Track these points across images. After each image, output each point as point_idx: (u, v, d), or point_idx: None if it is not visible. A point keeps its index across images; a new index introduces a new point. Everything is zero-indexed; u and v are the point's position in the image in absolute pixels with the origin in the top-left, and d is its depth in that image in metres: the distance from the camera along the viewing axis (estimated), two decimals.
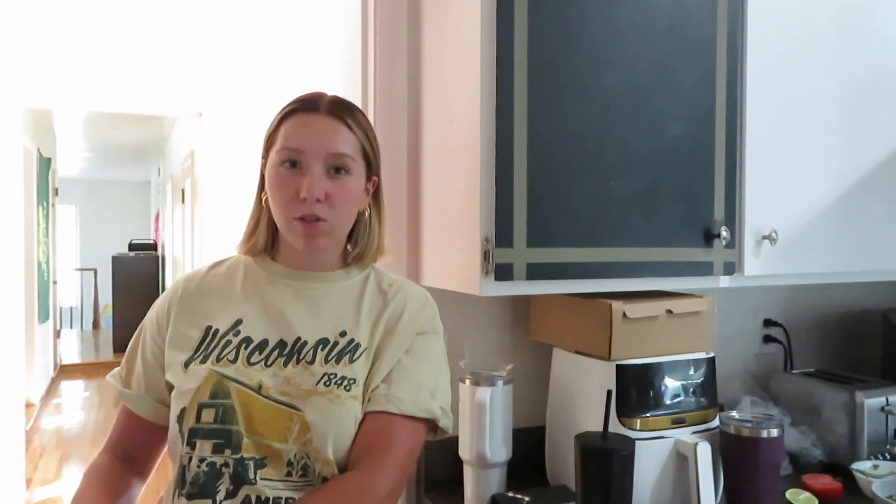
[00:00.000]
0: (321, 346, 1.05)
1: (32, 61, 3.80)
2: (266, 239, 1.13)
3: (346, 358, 1.04)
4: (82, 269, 10.92)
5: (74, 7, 3.82)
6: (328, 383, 1.02)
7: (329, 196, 1.04)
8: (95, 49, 3.95)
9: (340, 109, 1.07)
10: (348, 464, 1.01)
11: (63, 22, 3.81)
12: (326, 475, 1.00)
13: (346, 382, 1.02)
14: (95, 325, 10.60)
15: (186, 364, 1.06)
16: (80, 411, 6.33)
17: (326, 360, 1.04)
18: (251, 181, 1.17)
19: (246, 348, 1.05)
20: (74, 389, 7.22)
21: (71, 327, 10.73)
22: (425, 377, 1.07)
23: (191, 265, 5.43)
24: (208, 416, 1.01)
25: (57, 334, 8.12)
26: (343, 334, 1.06)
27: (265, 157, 1.10)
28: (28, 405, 5.84)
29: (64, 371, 7.86)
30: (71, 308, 10.83)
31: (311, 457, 0.99)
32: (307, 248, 1.07)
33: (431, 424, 1.07)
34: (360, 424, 1.02)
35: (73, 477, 4.58)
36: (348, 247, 1.15)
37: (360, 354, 1.05)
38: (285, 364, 1.04)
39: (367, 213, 1.14)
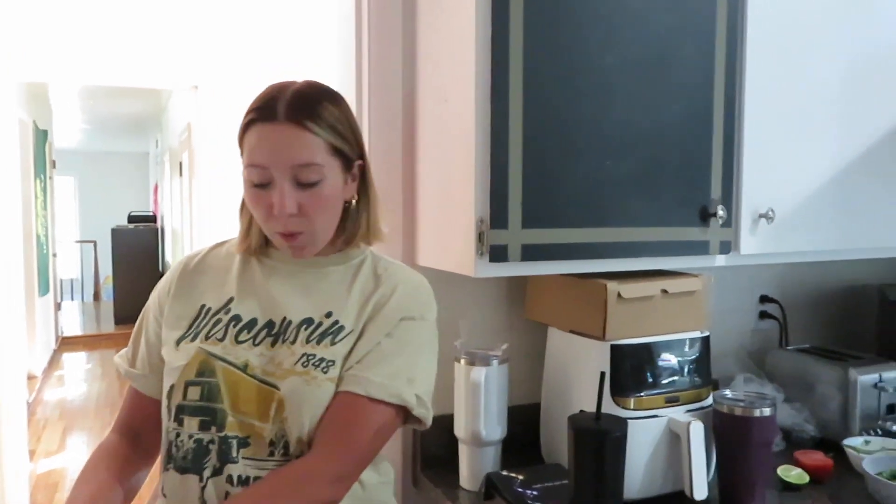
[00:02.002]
0: (304, 326, 1.05)
1: (27, 35, 3.76)
2: (259, 239, 1.12)
3: (328, 339, 1.04)
4: (82, 242, 10.93)
5: None
6: (305, 364, 1.01)
7: (302, 207, 1.01)
8: (91, 22, 3.90)
9: (300, 112, 0.99)
10: (311, 443, 1.00)
11: None
12: (298, 454, 1.00)
13: (323, 364, 1.01)
14: (96, 296, 10.64)
15: (178, 342, 1.07)
16: (83, 383, 6.39)
17: (308, 341, 1.03)
18: None
19: (235, 326, 1.06)
20: (76, 361, 7.28)
21: (72, 299, 10.77)
22: (404, 363, 1.04)
23: (189, 237, 5.43)
24: (194, 393, 1.02)
25: (58, 307, 8.16)
26: (328, 315, 1.06)
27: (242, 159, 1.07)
28: (30, 377, 5.89)
29: (66, 343, 7.91)
30: (72, 280, 10.86)
31: (288, 436, 1.00)
32: (295, 257, 1.07)
33: (406, 413, 1.03)
34: (329, 404, 1.01)
35: (76, 448, 4.64)
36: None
37: (344, 337, 1.04)
38: (273, 344, 1.04)
39: (353, 201, 1.11)
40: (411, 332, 1.07)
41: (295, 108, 1.00)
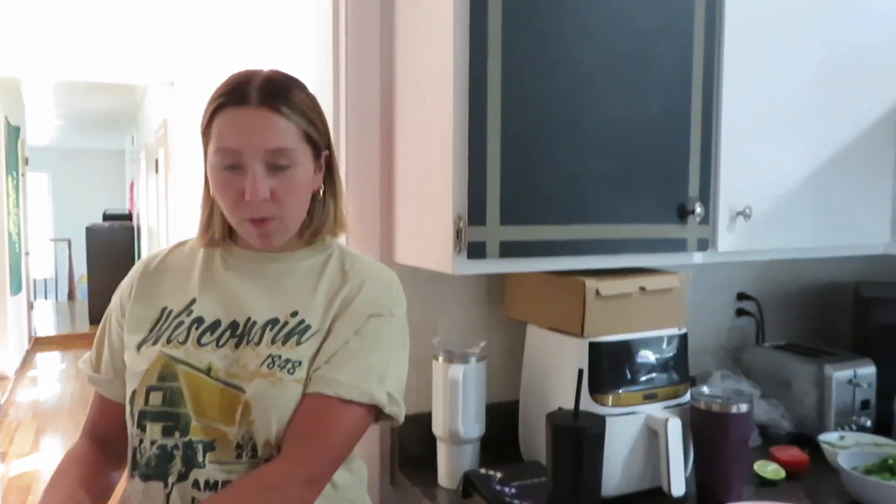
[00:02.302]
0: (270, 327, 1.02)
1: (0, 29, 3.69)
2: (222, 229, 1.09)
3: (294, 339, 1.01)
4: (56, 240, 10.76)
5: None
6: (271, 365, 0.99)
7: (274, 193, 0.99)
8: (65, 16, 3.84)
9: (273, 97, 0.98)
10: (281, 446, 0.98)
11: None
12: (267, 457, 0.98)
13: (289, 365, 0.99)
14: (71, 296, 10.48)
15: (139, 346, 1.04)
16: (57, 383, 6.29)
17: (273, 342, 1.01)
18: None
19: (197, 328, 1.03)
20: (50, 361, 7.16)
21: (46, 299, 10.60)
22: (374, 361, 1.02)
23: (165, 235, 5.37)
24: (156, 399, 1.00)
25: (31, 306, 8.02)
26: (294, 314, 1.03)
27: (205, 148, 1.05)
28: (2, 378, 5.80)
29: (39, 343, 7.78)
30: (45, 279, 10.69)
31: (255, 439, 0.98)
32: (262, 246, 1.05)
33: (377, 411, 1.02)
34: (297, 406, 0.99)
35: (49, 450, 4.56)
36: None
37: (310, 336, 1.02)
38: (237, 345, 1.02)
39: (321, 192, 1.09)
40: (380, 329, 1.05)
41: (267, 92, 0.98)
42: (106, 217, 9.46)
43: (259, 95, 0.98)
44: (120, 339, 1.10)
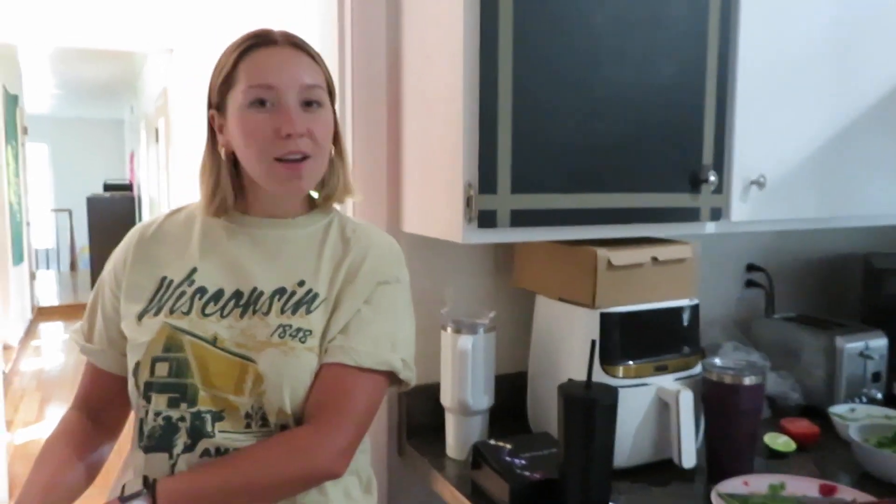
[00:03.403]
0: (278, 296, 1.01)
1: None
2: (233, 193, 1.06)
3: (303, 309, 1.01)
4: (57, 210, 10.72)
5: None
6: (283, 335, 0.98)
7: (310, 131, 0.99)
8: None
9: (299, 42, 1.02)
10: (304, 417, 0.98)
11: None
12: (283, 423, 0.98)
13: (301, 334, 0.99)
14: (73, 266, 10.49)
15: (140, 316, 1.02)
16: (60, 353, 6.31)
17: (282, 311, 1.00)
18: None
19: (200, 299, 1.01)
20: (53, 331, 7.18)
21: (48, 269, 10.60)
22: (386, 328, 1.03)
23: (167, 205, 5.33)
24: (162, 369, 0.98)
25: (33, 276, 8.02)
26: (301, 284, 1.02)
27: (217, 105, 1.03)
28: (6, 348, 5.80)
29: (42, 313, 7.80)
30: (47, 250, 10.67)
31: (265, 408, 0.97)
32: (290, 191, 1.02)
33: (392, 377, 1.03)
34: (316, 376, 0.99)
35: (54, 418, 4.56)
36: (312, 191, 1.10)
37: (318, 305, 1.01)
38: (241, 315, 1.00)
39: (331, 152, 1.08)
40: (388, 296, 1.05)
41: (294, 38, 1.02)
42: (106, 187, 9.42)
43: (287, 38, 1.01)
44: (114, 309, 1.08)
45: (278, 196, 1.05)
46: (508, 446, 1.26)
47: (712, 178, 1.36)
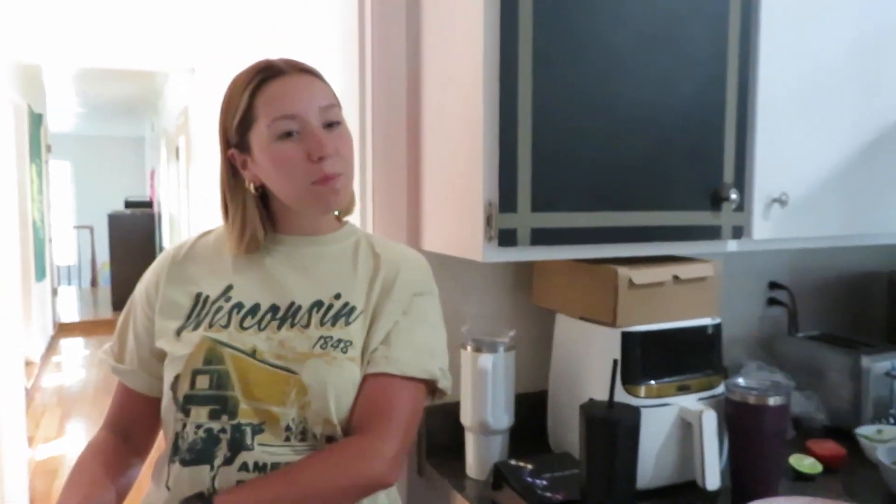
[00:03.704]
0: (316, 309, 1.03)
1: (21, 15, 3.69)
2: (263, 227, 1.07)
3: (342, 320, 1.03)
4: (79, 227, 10.86)
5: None
6: (324, 346, 1.00)
7: (338, 149, 1.02)
8: (85, 3, 3.83)
9: (304, 66, 1.05)
10: (350, 428, 1.00)
11: None
12: (329, 434, 0.99)
13: (342, 345, 1.01)
14: (94, 282, 10.60)
15: (179, 331, 1.04)
16: (81, 369, 6.36)
17: (322, 323, 1.02)
18: None
19: (238, 313, 1.03)
20: (74, 347, 7.25)
21: (69, 285, 10.72)
22: (424, 338, 1.06)
23: (186, 222, 5.39)
24: (203, 382, 0.99)
25: (54, 292, 8.11)
26: (338, 297, 1.05)
27: (238, 144, 1.04)
28: (28, 363, 5.85)
29: (63, 329, 7.87)
30: (69, 266, 10.80)
31: (309, 420, 0.98)
32: (327, 209, 1.06)
33: (431, 386, 1.06)
34: (360, 387, 1.01)
35: (74, 434, 4.62)
36: None
37: (356, 317, 1.04)
38: (279, 327, 1.02)
39: None
40: (424, 308, 1.09)
41: (298, 63, 1.04)
42: (127, 204, 9.54)
43: (292, 66, 1.03)
44: (146, 331, 1.09)
45: (311, 216, 1.08)
46: (529, 466, 1.25)
47: (733, 195, 1.35)
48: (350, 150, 1.06)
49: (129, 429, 1.11)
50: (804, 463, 1.39)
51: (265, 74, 1.01)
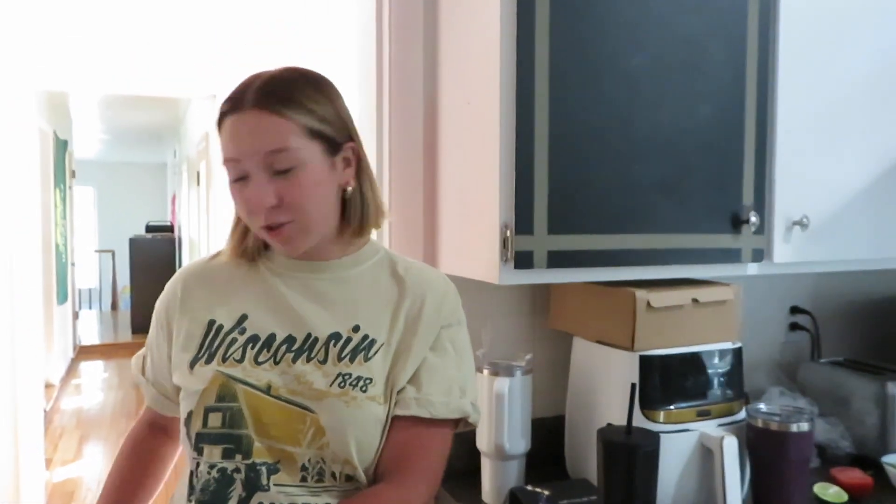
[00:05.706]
0: (333, 342, 0.98)
1: (48, 43, 3.78)
2: (256, 241, 1.06)
3: (361, 356, 0.98)
4: (101, 251, 11.00)
5: None
6: (342, 384, 0.96)
7: (282, 197, 0.94)
8: (110, 31, 3.92)
9: (268, 98, 0.93)
10: (378, 473, 0.97)
11: (78, 4, 3.78)
12: (348, 473, 0.96)
13: (361, 383, 0.96)
14: (114, 306, 10.69)
15: (192, 364, 1.01)
16: (100, 392, 6.39)
17: (340, 359, 0.97)
18: None
19: (253, 347, 0.99)
20: (94, 370, 7.29)
21: (90, 308, 10.83)
22: (454, 374, 1.02)
23: (206, 247, 5.43)
24: (215, 420, 0.96)
25: (76, 315, 8.19)
26: (356, 329, 1.00)
27: None
28: (48, 386, 5.90)
29: (83, 352, 7.93)
30: (90, 290, 10.92)
31: (326, 460, 0.95)
32: (288, 252, 1.01)
33: (461, 420, 1.03)
34: (390, 430, 0.97)
35: (92, 457, 4.63)
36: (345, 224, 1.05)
37: (377, 351, 0.99)
38: (294, 360, 0.98)
39: (349, 187, 1.02)
40: (452, 340, 1.04)
41: (264, 93, 0.94)
42: (149, 229, 9.65)
43: (254, 98, 0.93)
44: (160, 348, 1.10)
45: (315, 243, 1.02)
46: (546, 493, 1.23)
47: (753, 218, 1.34)
48: (304, 196, 0.95)
49: (164, 424, 1.17)
50: (829, 492, 1.35)
51: (225, 108, 0.96)
